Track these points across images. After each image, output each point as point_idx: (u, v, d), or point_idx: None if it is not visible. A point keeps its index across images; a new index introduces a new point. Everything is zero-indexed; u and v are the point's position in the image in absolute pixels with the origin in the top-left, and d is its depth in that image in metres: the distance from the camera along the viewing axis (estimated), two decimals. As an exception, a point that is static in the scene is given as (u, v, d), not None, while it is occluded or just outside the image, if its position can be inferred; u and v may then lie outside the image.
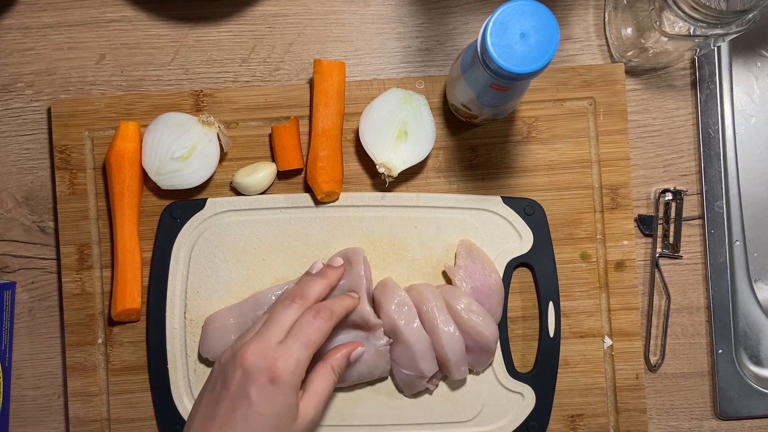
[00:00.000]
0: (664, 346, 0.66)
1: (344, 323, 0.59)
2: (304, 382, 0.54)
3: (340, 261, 0.61)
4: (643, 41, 0.63)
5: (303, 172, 0.66)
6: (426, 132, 0.63)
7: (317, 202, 0.64)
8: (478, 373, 0.64)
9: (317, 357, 0.56)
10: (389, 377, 0.64)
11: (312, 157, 0.63)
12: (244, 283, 0.64)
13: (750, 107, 0.74)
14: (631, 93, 0.68)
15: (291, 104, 0.66)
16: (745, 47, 0.74)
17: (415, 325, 0.60)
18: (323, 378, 0.55)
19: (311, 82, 0.65)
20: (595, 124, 0.66)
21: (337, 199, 0.65)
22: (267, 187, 0.65)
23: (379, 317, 0.60)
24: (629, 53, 0.66)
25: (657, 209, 0.67)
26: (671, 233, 0.67)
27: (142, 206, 0.65)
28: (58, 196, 0.66)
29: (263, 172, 0.64)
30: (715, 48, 0.67)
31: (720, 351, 0.66)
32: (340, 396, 0.64)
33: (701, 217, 0.67)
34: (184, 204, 0.65)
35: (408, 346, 0.60)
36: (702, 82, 0.68)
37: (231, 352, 0.54)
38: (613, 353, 0.65)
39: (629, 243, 0.65)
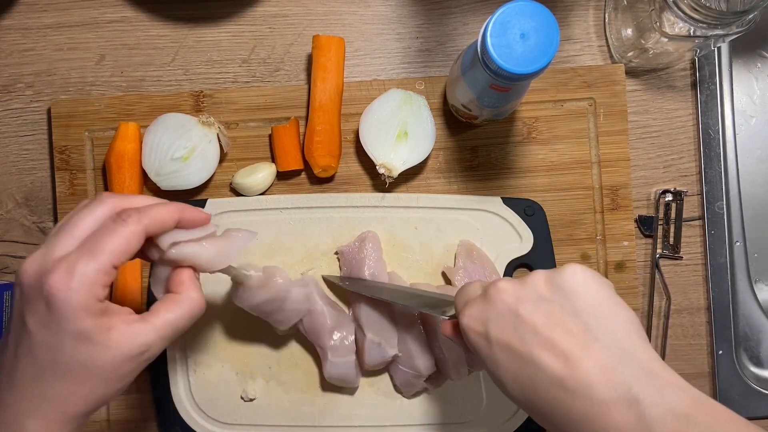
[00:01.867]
0: (664, 347, 0.66)
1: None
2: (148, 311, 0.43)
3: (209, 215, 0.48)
4: (643, 42, 0.63)
5: (303, 172, 0.66)
6: (426, 133, 0.63)
7: (314, 180, 0.64)
8: (478, 374, 0.64)
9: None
10: (389, 377, 0.64)
11: (309, 131, 0.63)
12: (244, 283, 0.64)
13: (750, 108, 0.74)
14: (632, 93, 0.68)
15: (291, 105, 0.66)
16: (746, 48, 0.74)
17: (417, 323, 0.60)
18: (174, 303, 0.43)
19: (310, 58, 0.65)
20: (596, 124, 0.65)
21: (334, 174, 0.65)
22: (267, 188, 0.65)
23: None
24: (629, 54, 0.66)
25: (657, 210, 0.67)
26: (671, 234, 0.67)
27: (142, 207, 0.65)
28: (58, 197, 0.66)
29: (263, 173, 0.64)
30: (716, 49, 0.67)
31: (720, 352, 0.66)
32: (340, 397, 0.64)
33: (701, 217, 0.67)
34: (184, 205, 0.65)
35: (406, 344, 0.60)
36: (702, 82, 0.67)
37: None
38: (614, 354, 0.65)
39: (629, 244, 0.65)
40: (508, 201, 0.64)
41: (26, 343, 0.40)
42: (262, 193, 0.65)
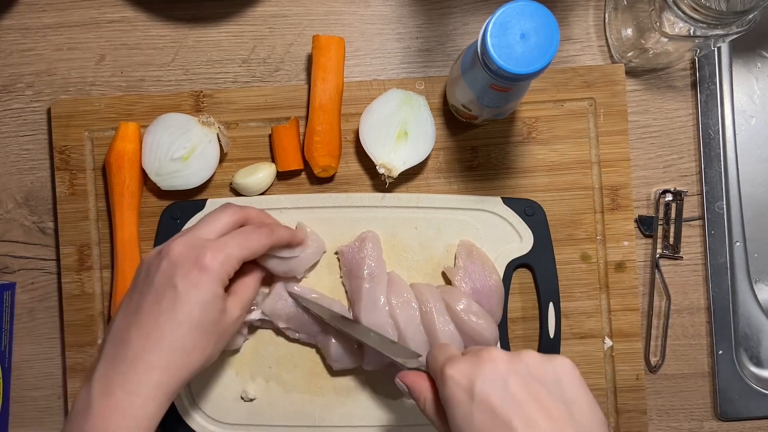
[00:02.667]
0: (664, 347, 0.66)
1: None
2: (230, 287, 0.54)
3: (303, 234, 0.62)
4: (643, 42, 0.63)
5: (303, 172, 0.66)
6: (426, 133, 0.63)
7: (314, 180, 0.64)
8: (478, 374, 0.64)
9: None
10: (390, 377, 0.64)
11: (309, 131, 0.63)
12: (244, 283, 0.64)
13: (750, 108, 0.74)
14: (632, 93, 0.68)
15: (291, 105, 0.66)
16: (746, 48, 0.74)
17: (417, 323, 0.60)
18: (247, 281, 0.56)
19: (310, 58, 0.65)
20: (596, 124, 0.65)
21: (334, 174, 0.65)
22: (267, 188, 0.65)
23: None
24: (629, 54, 0.66)
25: (657, 210, 0.67)
26: (671, 234, 0.67)
27: (142, 207, 0.65)
28: (57, 197, 0.66)
29: (263, 173, 0.64)
30: (716, 49, 0.67)
31: (720, 352, 0.66)
32: (340, 397, 0.64)
33: (701, 217, 0.67)
34: (184, 205, 0.65)
35: (405, 343, 0.60)
36: (702, 82, 0.68)
37: (155, 250, 0.52)
38: (614, 354, 0.65)
39: (629, 244, 0.65)
40: (508, 201, 0.64)
41: (170, 301, 0.49)
42: (262, 194, 0.65)
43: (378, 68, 0.68)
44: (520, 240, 0.64)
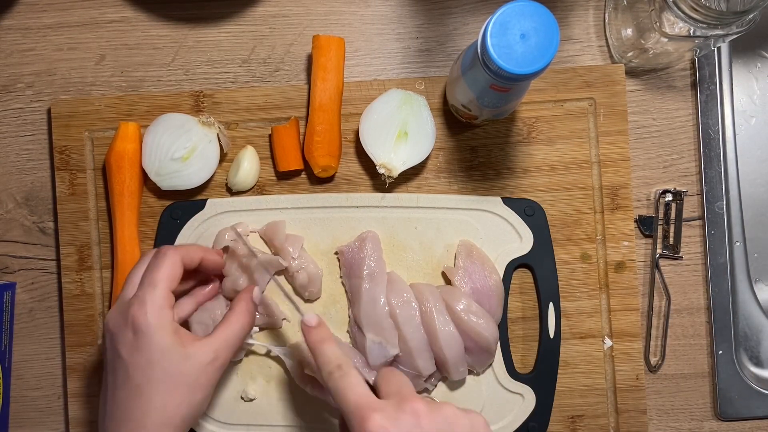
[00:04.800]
0: (664, 346, 0.66)
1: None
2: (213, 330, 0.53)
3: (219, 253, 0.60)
4: (643, 42, 0.63)
5: (303, 172, 0.66)
6: (426, 133, 0.63)
7: (314, 180, 0.64)
8: (477, 374, 0.64)
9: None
10: (389, 378, 0.64)
11: (309, 131, 0.63)
12: (244, 283, 0.64)
13: (750, 108, 0.74)
14: (632, 94, 0.68)
15: (291, 105, 0.66)
16: (746, 48, 0.74)
17: (416, 323, 0.60)
18: (228, 320, 0.53)
19: (310, 58, 0.65)
20: (596, 124, 0.65)
21: (334, 174, 0.65)
22: (257, 174, 0.65)
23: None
24: (629, 54, 0.66)
25: (657, 210, 0.67)
26: (671, 234, 0.67)
27: (142, 207, 0.65)
28: (58, 197, 0.66)
29: (245, 161, 0.64)
30: (715, 49, 0.67)
31: (720, 352, 0.66)
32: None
33: (701, 217, 0.67)
34: (184, 205, 0.65)
35: (405, 343, 0.60)
36: (702, 82, 0.68)
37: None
38: (614, 354, 0.65)
39: (629, 244, 0.65)
40: (508, 201, 0.64)
41: (122, 371, 0.49)
42: (255, 186, 0.65)
43: (378, 68, 0.68)
44: (520, 240, 0.64)
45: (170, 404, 0.49)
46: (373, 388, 0.48)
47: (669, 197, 0.67)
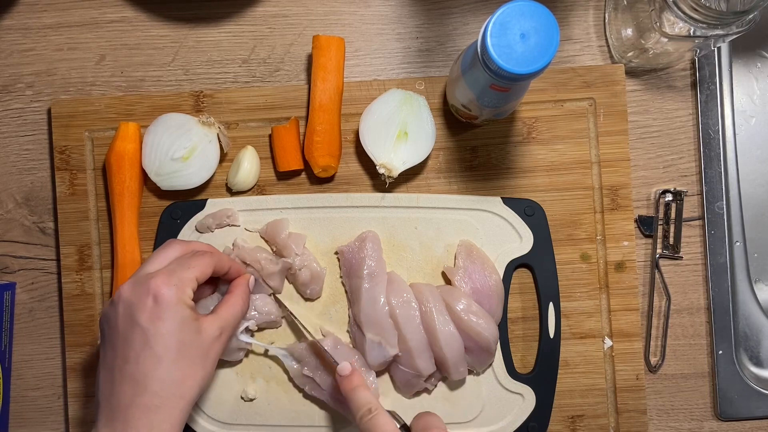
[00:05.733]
0: (664, 347, 0.66)
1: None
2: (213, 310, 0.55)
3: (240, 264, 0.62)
4: (643, 42, 0.63)
5: (303, 172, 0.66)
6: (426, 133, 0.63)
7: (314, 180, 0.64)
8: (478, 374, 0.64)
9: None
10: (389, 377, 0.64)
11: (309, 131, 0.63)
12: (244, 283, 0.64)
13: (750, 108, 0.74)
14: (632, 94, 0.68)
15: (291, 105, 0.66)
16: (745, 48, 0.74)
17: (416, 323, 0.60)
18: (228, 301, 0.56)
19: (310, 58, 0.65)
20: (596, 124, 0.65)
21: (334, 174, 0.65)
22: (257, 174, 0.65)
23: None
24: (629, 54, 0.66)
25: (657, 210, 0.67)
26: (671, 234, 0.67)
27: (142, 207, 0.65)
28: (58, 197, 0.66)
29: (245, 161, 0.64)
30: (715, 49, 0.67)
31: (720, 352, 0.66)
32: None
33: (701, 217, 0.67)
34: (184, 205, 0.65)
35: (405, 343, 0.60)
36: (702, 82, 0.68)
37: (109, 302, 0.53)
38: (614, 354, 0.65)
39: (629, 244, 0.65)
40: (508, 201, 0.64)
41: (140, 339, 0.49)
42: (256, 186, 0.65)
43: (378, 68, 0.68)
44: (520, 240, 0.64)
45: (188, 377, 0.50)
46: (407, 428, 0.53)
47: (669, 197, 0.67)
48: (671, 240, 0.67)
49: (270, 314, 0.62)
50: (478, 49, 0.49)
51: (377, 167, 0.62)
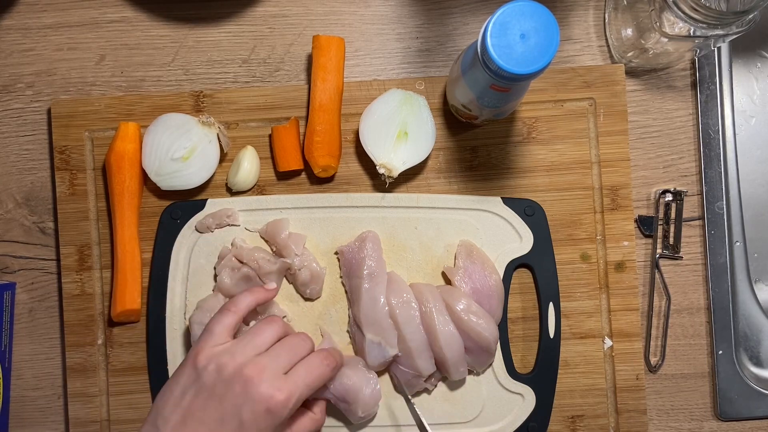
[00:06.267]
0: (664, 347, 0.66)
1: None
2: (288, 425, 0.55)
3: (273, 285, 0.61)
4: (643, 42, 0.63)
5: (303, 172, 0.66)
6: (426, 133, 0.63)
7: (314, 180, 0.64)
8: (478, 374, 0.64)
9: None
10: (389, 377, 0.64)
11: (309, 131, 0.63)
12: (244, 283, 0.64)
13: (750, 108, 0.74)
14: (632, 94, 0.68)
15: (291, 105, 0.66)
16: (746, 48, 0.74)
17: (416, 323, 0.60)
18: (305, 421, 0.56)
19: (310, 58, 0.65)
20: (596, 124, 0.65)
21: (334, 174, 0.65)
22: (257, 174, 0.65)
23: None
24: (629, 54, 0.66)
25: (657, 210, 0.67)
26: (671, 234, 0.67)
27: (142, 207, 0.65)
28: (58, 197, 0.66)
29: (245, 161, 0.64)
30: (716, 49, 0.67)
31: (720, 352, 0.66)
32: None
33: (701, 217, 0.67)
34: (184, 205, 0.65)
35: (405, 343, 0.60)
36: (702, 82, 0.68)
37: (233, 362, 0.52)
38: (614, 354, 0.65)
39: (629, 244, 0.65)
40: (508, 201, 0.64)
41: (232, 426, 0.51)
42: (256, 187, 0.65)
43: (378, 68, 0.68)
44: (520, 240, 0.64)
45: None
46: None
47: (669, 197, 0.67)
48: (671, 240, 0.67)
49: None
50: (478, 49, 0.49)
51: (377, 167, 0.62)
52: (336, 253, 0.64)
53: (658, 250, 0.67)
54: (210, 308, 0.61)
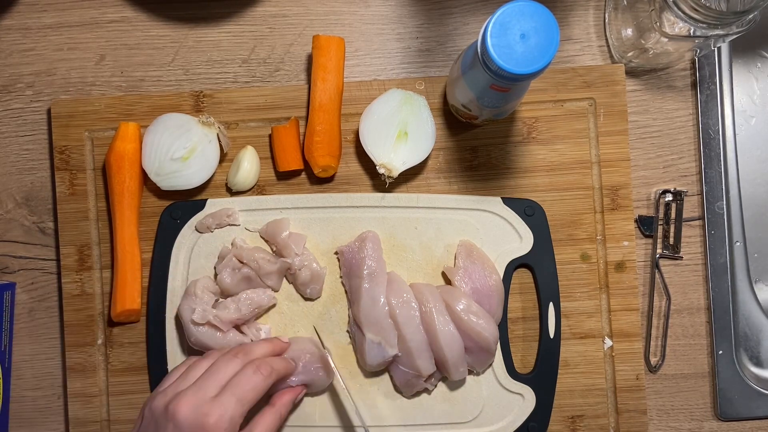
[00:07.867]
0: (664, 347, 0.66)
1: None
2: (248, 425, 0.55)
3: (286, 339, 0.62)
4: (643, 42, 0.63)
5: (303, 172, 0.66)
6: (426, 133, 0.63)
7: (314, 180, 0.64)
8: (478, 374, 0.64)
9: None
10: (389, 377, 0.64)
11: (309, 131, 0.63)
12: (244, 283, 0.64)
13: (750, 108, 0.74)
14: (632, 94, 0.68)
15: (291, 105, 0.66)
16: (746, 48, 0.74)
17: (416, 323, 0.60)
18: (267, 422, 0.56)
19: (310, 58, 0.65)
20: (596, 124, 0.65)
21: (334, 174, 0.65)
22: (257, 174, 0.65)
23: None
24: (629, 54, 0.66)
25: (657, 210, 0.67)
26: (671, 234, 0.67)
27: (142, 207, 0.65)
28: (57, 197, 0.66)
29: (245, 161, 0.64)
30: (716, 49, 0.67)
31: (720, 352, 0.66)
32: (339, 397, 0.64)
33: (701, 217, 0.67)
34: (184, 205, 0.65)
35: (405, 343, 0.60)
36: (702, 82, 0.68)
37: (163, 400, 0.53)
38: (614, 354, 0.65)
39: (629, 244, 0.65)
40: (508, 201, 0.64)
41: None
42: (256, 186, 0.65)
43: (378, 68, 0.68)
44: (520, 240, 0.64)
45: None
46: None
47: (669, 197, 0.67)
48: (671, 240, 0.67)
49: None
50: (478, 50, 0.49)
51: (377, 167, 0.62)
52: (336, 253, 0.64)
53: (658, 250, 0.67)
54: (196, 293, 0.61)
